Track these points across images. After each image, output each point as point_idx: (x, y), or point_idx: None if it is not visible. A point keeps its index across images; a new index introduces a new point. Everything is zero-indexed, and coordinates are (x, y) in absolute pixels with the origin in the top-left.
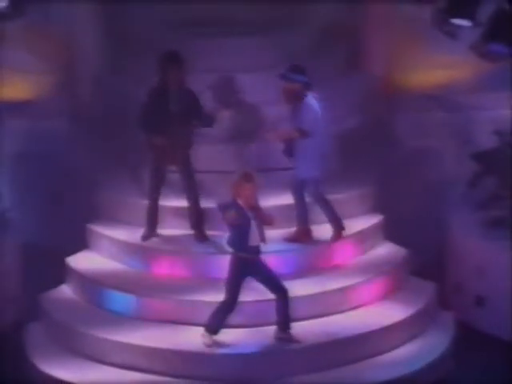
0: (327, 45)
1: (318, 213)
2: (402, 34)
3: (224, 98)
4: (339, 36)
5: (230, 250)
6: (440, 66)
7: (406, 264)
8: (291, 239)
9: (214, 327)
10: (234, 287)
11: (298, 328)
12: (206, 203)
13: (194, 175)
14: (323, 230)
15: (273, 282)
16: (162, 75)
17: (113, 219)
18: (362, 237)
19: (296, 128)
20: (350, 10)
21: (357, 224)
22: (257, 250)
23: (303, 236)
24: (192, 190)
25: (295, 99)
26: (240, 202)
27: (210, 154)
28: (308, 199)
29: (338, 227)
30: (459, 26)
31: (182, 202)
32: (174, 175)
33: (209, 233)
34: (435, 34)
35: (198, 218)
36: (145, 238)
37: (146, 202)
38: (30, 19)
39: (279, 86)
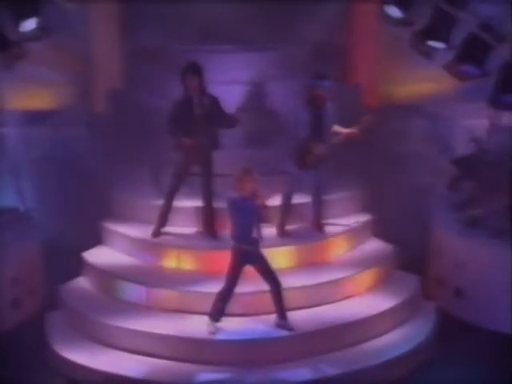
0: (320, 59)
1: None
2: (388, 51)
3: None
4: (330, 51)
5: (232, 243)
6: (422, 80)
7: (392, 259)
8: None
9: (216, 315)
10: (233, 276)
11: (294, 317)
12: (217, 203)
13: (214, 176)
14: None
15: (268, 274)
16: (184, 84)
17: (125, 217)
18: (352, 234)
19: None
20: (340, 27)
21: (347, 222)
22: (257, 242)
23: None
24: (208, 190)
25: (322, 104)
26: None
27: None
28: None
29: (321, 226)
30: (434, 48)
31: (193, 202)
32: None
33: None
34: None
35: (210, 217)
36: (155, 234)
37: (155, 202)
38: (53, 37)
39: (283, 94)
